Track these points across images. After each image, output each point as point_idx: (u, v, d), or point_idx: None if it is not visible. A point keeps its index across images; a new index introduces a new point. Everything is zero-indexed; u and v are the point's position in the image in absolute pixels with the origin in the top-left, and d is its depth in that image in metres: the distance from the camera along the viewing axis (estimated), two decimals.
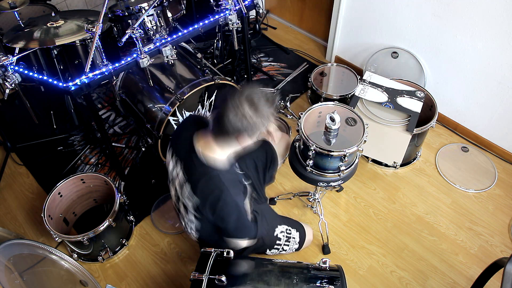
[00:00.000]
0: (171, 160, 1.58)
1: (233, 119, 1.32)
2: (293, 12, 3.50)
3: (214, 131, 1.40)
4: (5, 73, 1.79)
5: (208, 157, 1.44)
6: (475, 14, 2.17)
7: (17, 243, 1.59)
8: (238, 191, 1.48)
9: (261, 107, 1.35)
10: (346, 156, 1.71)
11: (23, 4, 2.06)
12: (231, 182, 1.45)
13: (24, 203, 2.38)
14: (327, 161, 1.76)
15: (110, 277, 2.04)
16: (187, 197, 1.51)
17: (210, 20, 2.17)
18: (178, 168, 1.53)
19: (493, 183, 2.37)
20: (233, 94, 1.34)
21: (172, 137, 1.65)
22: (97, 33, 1.69)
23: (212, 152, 1.44)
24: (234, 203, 1.44)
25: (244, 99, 1.33)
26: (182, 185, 1.53)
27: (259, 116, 1.35)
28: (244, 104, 1.32)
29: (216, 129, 1.39)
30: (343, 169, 1.77)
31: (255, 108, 1.33)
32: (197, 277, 1.45)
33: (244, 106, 1.32)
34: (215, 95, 2.31)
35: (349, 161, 1.79)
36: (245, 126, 1.33)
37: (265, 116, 1.37)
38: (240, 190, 1.50)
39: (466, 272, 2.01)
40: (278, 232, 1.86)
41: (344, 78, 2.74)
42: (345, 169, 1.78)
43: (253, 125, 1.34)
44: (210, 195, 1.42)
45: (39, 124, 2.77)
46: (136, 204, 2.31)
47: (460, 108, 2.56)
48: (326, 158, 1.74)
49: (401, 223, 2.20)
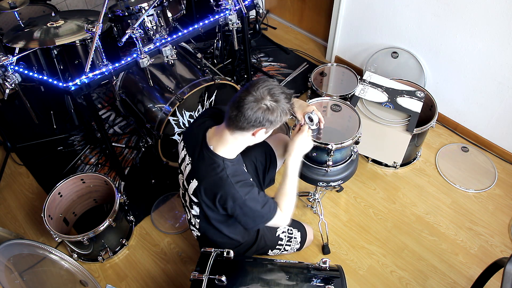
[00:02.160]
0: (181, 153, 1.59)
1: (255, 110, 1.32)
2: (293, 12, 3.50)
3: (232, 123, 1.38)
4: (5, 73, 1.79)
5: (219, 153, 1.43)
6: (475, 14, 2.17)
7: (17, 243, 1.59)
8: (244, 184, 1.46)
9: (282, 101, 1.35)
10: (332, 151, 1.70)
11: (23, 4, 2.06)
12: (237, 177, 1.43)
13: (24, 203, 2.38)
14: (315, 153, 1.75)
15: (110, 277, 2.04)
16: (194, 193, 1.51)
17: (210, 20, 2.17)
18: (187, 162, 1.53)
19: (493, 183, 2.37)
20: (256, 86, 1.34)
21: (186, 130, 1.64)
22: (97, 33, 1.69)
23: (224, 148, 1.44)
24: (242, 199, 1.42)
25: (267, 92, 1.33)
26: (188, 179, 1.53)
27: (280, 110, 1.35)
28: (267, 97, 1.33)
29: (234, 121, 1.36)
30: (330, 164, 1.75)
31: (277, 101, 1.34)
32: (197, 277, 1.45)
33: (266, 99, 1.33)
34: (215, 95, 2.31)
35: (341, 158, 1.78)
36: (266, 118, 1.34)
37: (285, 111, 1.37)
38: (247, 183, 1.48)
39: (466, 272, 2.01)
40: (280, 233, 1.86)
41: (344, 78, 2.74)
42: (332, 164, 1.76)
43: (273, 119, 1.35)
44: (219, 192, 1.42)
45: (39, 124, 2.77)
46: (136, 204, 2.31)
47: (460, 108, 2.56)
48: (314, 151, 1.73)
49: (401, 223, 2.20)
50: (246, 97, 1.32)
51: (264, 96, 1.33)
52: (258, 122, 1.34)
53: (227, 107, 1.39)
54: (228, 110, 1.38)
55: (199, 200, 1.50)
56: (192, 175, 1.51)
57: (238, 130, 1.38)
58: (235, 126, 1.37)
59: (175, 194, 2.37)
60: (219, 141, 1.44)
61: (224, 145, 1.43)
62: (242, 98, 1.33)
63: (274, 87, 1.36)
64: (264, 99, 1.33)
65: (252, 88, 1.34)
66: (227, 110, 1.39)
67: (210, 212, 1.53)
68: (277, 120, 1.37)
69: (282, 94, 1.36)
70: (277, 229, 1.85)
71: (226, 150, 1.44)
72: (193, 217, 1.64)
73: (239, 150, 1.48)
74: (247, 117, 1.33)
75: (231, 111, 1.36)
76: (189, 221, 1.71)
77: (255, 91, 1.33)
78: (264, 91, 1.33)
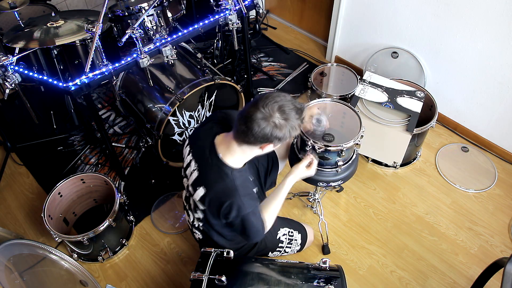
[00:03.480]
0: (187, 157, 1.57)
1: (263, 127, 1.29)
2: (293, 12, 3.50)
3: (239, 136, 1.36)
4: (5, 73, 1.79)
5: (227, 162, 1.42)
6: (475, 14, 2.17)
7: (17, 243, 1.59)
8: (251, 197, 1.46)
9: (292, 118, 1.32)
10: (343, 151, 1.71)
11: (23, 4, 2.06)
12: (245, 189, 1.43)
13: (24, 203, 2.38)
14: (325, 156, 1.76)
15: (110, 277, 2.04)
16: (200, 200, 1.50)
17: (210, 20, 2.17)
18: (193, 168, 1.52)
19: (493, 183, 2.36)
20: (265, 102, 1.30)
21: (192, 134, 1.63)
22: (97, 33, 1.69)
23: (233, 157, 1.42)
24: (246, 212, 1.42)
25: (276, 108, 1.30)
26: (195, 185, 1.51)
27: (288, 127, 1.32)
28: (275, 114, 1.30)
29: (242, 135, 1.35)
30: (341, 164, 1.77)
31: (286, 118, 1.31)
32: (197, 277, 1.45)
33: (275, 116, 1.30)
34: (215, 95, 2.31)
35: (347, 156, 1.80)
36: (274, 135, 1.31)
37: (294, 127, 1.34)
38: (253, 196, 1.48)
39: (466, 272, 2.01)
40: (280, 235, 1.85)
41: (344, 78, 2.74)
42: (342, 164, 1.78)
43: (282, 136, 1.33)
44: (226, 201, 1.41)
45: (39, 124, 2.77)
46: (136, 204, 2.31)
47: (460, 108, 2.56)
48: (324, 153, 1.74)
49: (401, 223, 2.20)
50: (255, 113, 1.29)
51: (273, 113, 1.29)
52: (265, 139, 1.32)
53: (236, 119, 1.37)
54: (236, 123, 1.36)
55: (205, 207, 1.50)
56: (199, 181, 1.49)
57: (245, 144, 1.37)
58: (242, 140, 1.36)
59: (175, 194, 2.37)
60: (227, 150, 1.43)
61: (232, 155, 1.42)
62: (250, 114, 1.30)
63: (285, 104, 1.32)
64: (273, 116, 1.29)
65: (261, 103, 1.30)
66: (235, 122, 1.37)
67: (213, 220, 1.54)
68: (286, 136, 1.34)
69: (292, 111, 1.32)
70: (277, 232, 1.84)
71: (234, 159, 1.43)
72: (196, 220, 1.64)
73: (247, 159, 1.47)
74: (254, 133, 1.30)
75: (239, 124, 1.34)
76: (191, 224, 1.70)
77: (264, 107, 1.29)
78: (274, 108, 1.30)
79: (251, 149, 1.41)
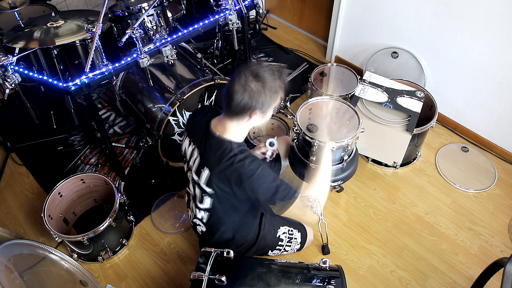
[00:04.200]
0: (188, 149, 1.59)
1: (242, 96, 1.33)
2: (293, 12, 3.50)
3: (227, 112, 1.41)
4: (5, 73, 1.79)
5: (226, 139, 1.45)
6: (475, 14, 2.17)
7: (17, 243, 1.59)
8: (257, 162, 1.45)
9: (268, 80, 1.35)
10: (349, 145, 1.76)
11: (23, 4, 2.06)
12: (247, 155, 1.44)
13: (24, 203, 2.38)
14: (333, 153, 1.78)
15: (110, 277, 2.04)
16: (207, 183, 1.50)
17: (210, 20, 2.17)
18: (196, 156, 1.54)
19: (493, 183, 2.36)
20: (240, 72, 1.35)
21: (188, 126, 1.65)
22: (97, 33, 1.69)
23: (229, 134, 1.45)
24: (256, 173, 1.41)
25: (249, 74, 1.33)
26: (199, 170, 1.52)
27: (267, 90, 1.35)
28: (250, 80, 1.33)
29: (228, 110, 1.39)
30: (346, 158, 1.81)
31: (262, 82, 1.34)
32: (197, 277, 1.45)
33: (250, 82, 1.33)
34: (215, 95, 2.31)
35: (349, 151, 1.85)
36: (254, 101, 1.34)
37: (273, 89, 1.37)
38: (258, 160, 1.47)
39: (466, 272, 2.01)
40: (280, 233, 1.86)
41: (344, 78, 2.74)
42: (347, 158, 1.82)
43: (263, 100, 1.35)
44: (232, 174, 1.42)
45: (39, 124, 2.77)
46: (136, 204, 2.31)
47: (460, 108, 2.56)
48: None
49: (401, 223, 2.20)
50: (233, 85, 1.34)
51: (249, 80, 1.33)
52: (248, 107, 1.35)
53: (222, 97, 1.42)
54: (222, 100, 1.42)
55: (214, 189, 1.50)
56: (202, 164, 1.51)
57: (234, 116, 1.41)
58: (230, 113, 1.40)
59: (175, 194, 2.37)
60: (223, 129, 1.46)
61: (228, 132, 1.45)
62: (229, 86, 1.36)
63: (258, 68, 1.35)
64: (248, 83, 1.33)
65: (237, 74, 1.35)
66: (222, 100, 1.43)
67: (225, 199, 1.53)
68: (267, 99, 1.36)
69: (267, 73, 1.35)
70: (277, 230, 1.85)
71: (232, 134, 1.46)
72: (203, 211, 1.63)
73: (245, 133, 1.49)
74: (237, 103, 1.35)
75: (224, 100, 1.40)
76: (195, 217, 1.69)
77: (240, 76, 1.34)
78: (248, 74, 1.34)
79: (242, 121, 1.42)
